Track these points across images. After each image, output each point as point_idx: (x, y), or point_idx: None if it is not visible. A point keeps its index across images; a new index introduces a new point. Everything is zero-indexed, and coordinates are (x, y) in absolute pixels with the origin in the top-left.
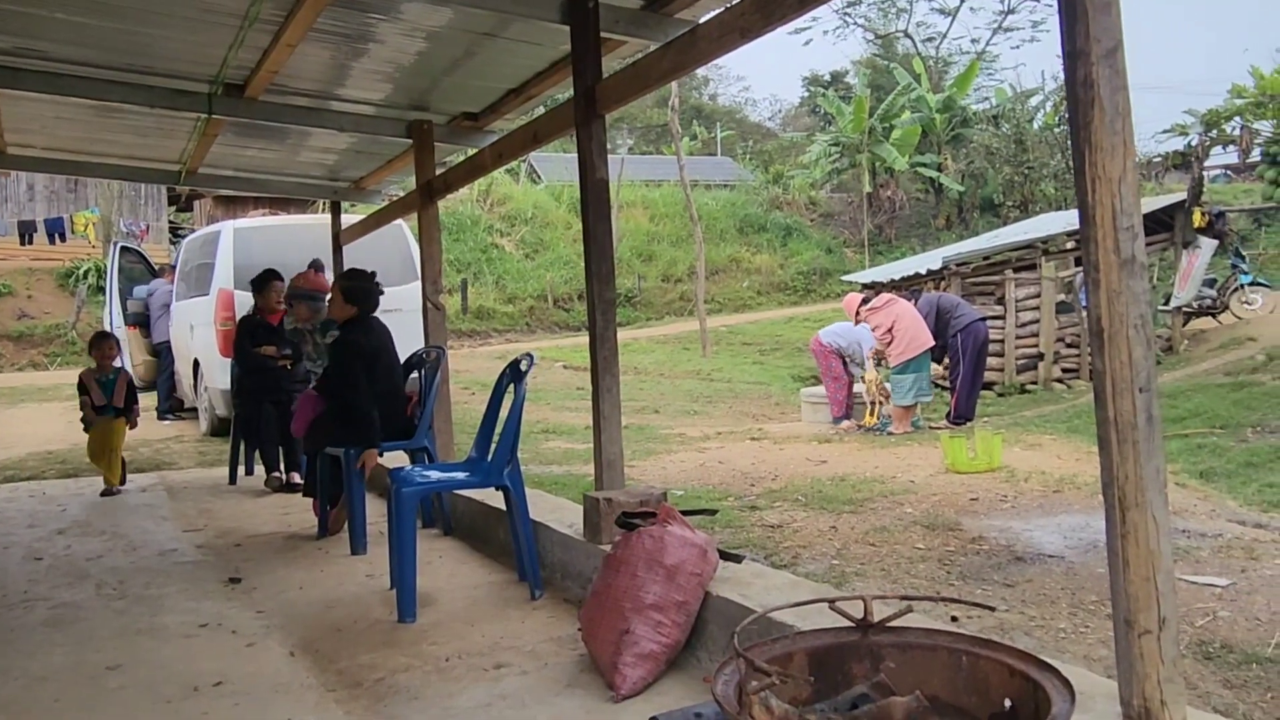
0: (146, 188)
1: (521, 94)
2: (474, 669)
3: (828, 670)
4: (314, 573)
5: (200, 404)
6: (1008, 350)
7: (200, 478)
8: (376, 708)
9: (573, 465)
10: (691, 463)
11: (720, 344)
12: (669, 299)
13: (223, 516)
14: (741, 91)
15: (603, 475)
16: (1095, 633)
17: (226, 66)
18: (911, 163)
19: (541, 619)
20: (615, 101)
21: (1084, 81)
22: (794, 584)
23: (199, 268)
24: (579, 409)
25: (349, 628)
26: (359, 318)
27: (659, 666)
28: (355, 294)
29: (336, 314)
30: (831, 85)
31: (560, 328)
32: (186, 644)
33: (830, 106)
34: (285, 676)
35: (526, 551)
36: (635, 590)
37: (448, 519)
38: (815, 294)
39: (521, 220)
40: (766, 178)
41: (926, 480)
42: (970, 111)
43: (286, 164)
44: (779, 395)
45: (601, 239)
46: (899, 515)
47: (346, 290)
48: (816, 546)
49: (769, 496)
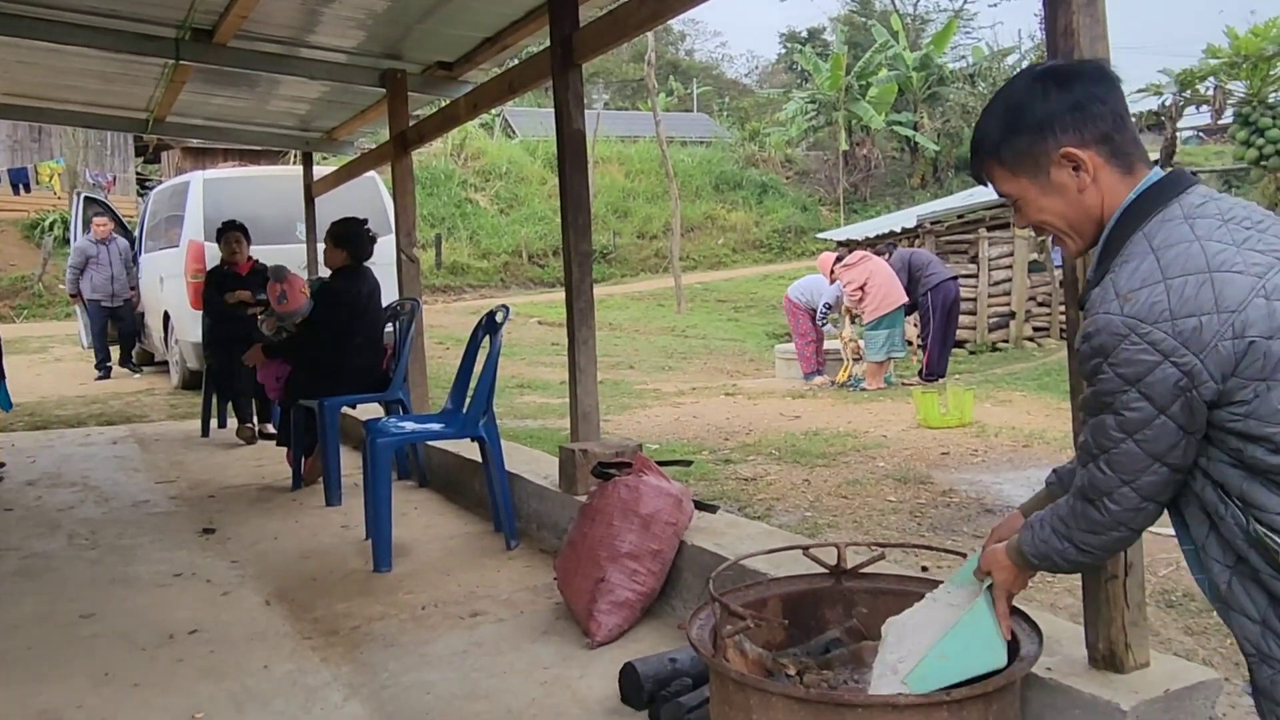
0: (113, 138)
1: (497, 43)
2: (450, 617)
3: (801, 616)
4: (288, 523)
5: (171, 357)
6: (980, 308)
7: (172, 430)
8: (352, 655)
9: (547, 420)
10: (666, 417)
11: (695, 301)
12: (644, 256)
13: (195, 468)
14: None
15: (578, 427)
16: (1062, 581)
17: (194, 11)
18: (888, 121)
19: (517, 569)
20: (593, 50)
21: (1064, 31)
22: (768, 533)
23: (168, 220)
24: (554, 364)
25: (324, 577)
26: (349, 266)
27: (634, 614)
28: (344, 238)
29: (329, 261)
30: (809, 42)
31: (535, 284)
32: (160, 593)
33: (807, 63)
34: (261, 625)
35: (502, 502)
36: (611, 539)
37: (423, 471)
38: (790, 252)
39: (496, 175)
40: (743, 135)
41: (899, 435)
42: (947, 70)
43: (257, 113)
44: (753, 352)
45: (578, 191)
46: (871, 469)
47: (336, 235)
48: (790, 499)
49: (743, 450)
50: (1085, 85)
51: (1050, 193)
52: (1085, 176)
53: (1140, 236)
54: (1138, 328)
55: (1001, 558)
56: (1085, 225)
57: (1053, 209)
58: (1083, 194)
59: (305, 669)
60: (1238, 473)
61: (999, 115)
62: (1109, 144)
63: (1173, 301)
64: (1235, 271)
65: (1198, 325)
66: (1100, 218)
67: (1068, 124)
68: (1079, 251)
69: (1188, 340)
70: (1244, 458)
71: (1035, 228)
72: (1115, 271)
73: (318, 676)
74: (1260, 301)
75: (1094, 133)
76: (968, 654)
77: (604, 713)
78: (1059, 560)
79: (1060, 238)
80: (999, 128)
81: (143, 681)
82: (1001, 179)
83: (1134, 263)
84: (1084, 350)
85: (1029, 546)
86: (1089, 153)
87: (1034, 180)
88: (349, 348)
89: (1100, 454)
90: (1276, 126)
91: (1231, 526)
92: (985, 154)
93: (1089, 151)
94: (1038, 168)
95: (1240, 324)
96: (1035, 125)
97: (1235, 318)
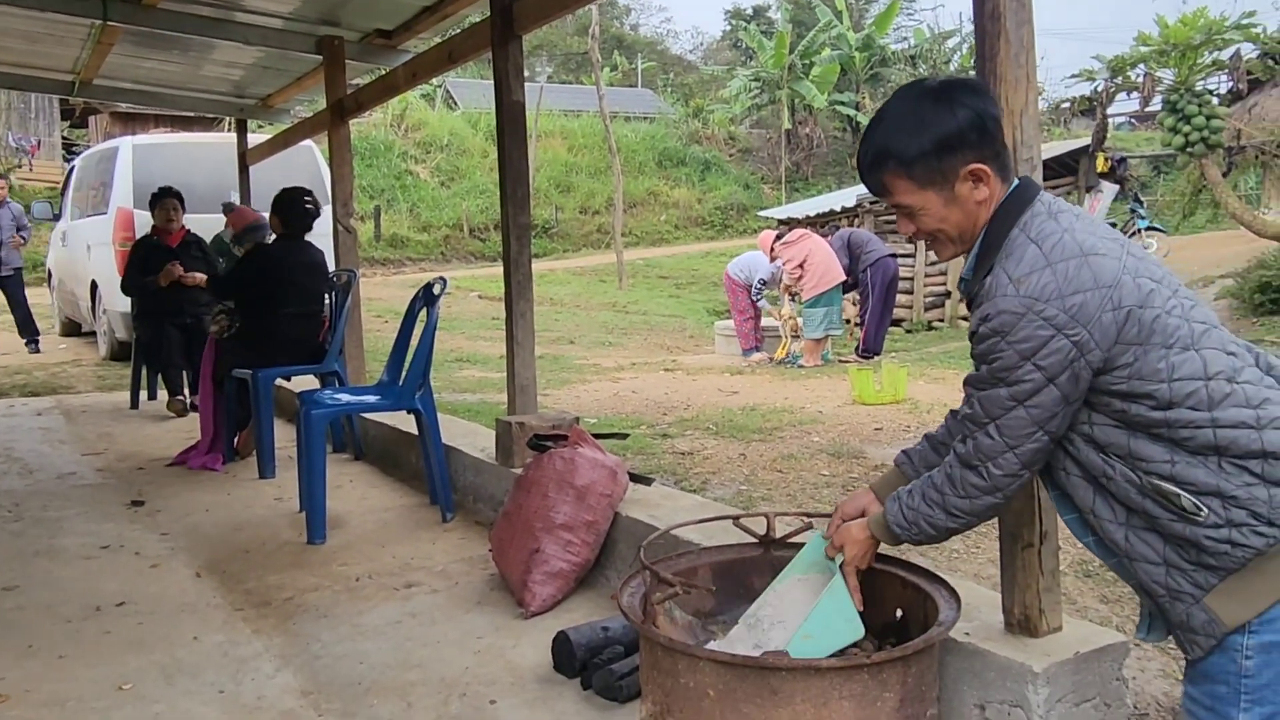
0: (37, 100)
1: (437, 12)
2: (384, 588)
3: (731, 584)
4: (220, 496)
5: (99, 327)
6: (917, 288)
7: (99, 401)
8: (285, 626)
9: (486, 393)
10: (605, 392)
11: (637, 277)
12: (586, 231)
13: (124, 440)
14: (663, 23)
15: (516, 400)
16: (986, 553)
17: None
18: (830, 100)
19: (452, 540)
20: (533, 21)
21: (991, 14)
22: (701, 505)
23: (96, 186)
24: (493, 339)
25: (257, 549)
26: (284, 235)
27: (568, 584)
28: (278, 206)
29: (272, 227)
30: (754, 19)
31: (476, 257)
32: (86, 565)
33: (752, 41)
34: (191, 596)
35: (438, 474)
36: (546, 510)
37: (358, 443)
38: (733, 229)
39: (437, 147)
40: (686, 111)
41: (834, 411)
42: (889, 51)
43: (189, 78)
44: (694, 328)
45: (517, 163)
46: (806, 444)
47: (274, 203)
48: (725, 473)
49: (680, 425)
50: (982, 103)
51: (951, 204)
52: (984, 189)
53: (1018, 232)
54: (1034, 306)
55: (856, 533)
56: (971, 232)
57: (950, 219)
58: (979, 205)
59: (237, 640)
60: (1122, 432)
61: (909, 129)
62: (999, 159)
63: (1060, 282)
64: (1102, 255)
65: (1084, 301)
66: (981, 224)
67: (973, 142)
68: (955, 255)
69: (1076, 315)
70: (1128, 417)
71: (926, 235)
72: (1002, 263)
73: (249, 647)
74: (1127, 279)
75: (990, 149)
76: (829, 631)
77: (536, 681)
78: (926, 527)
79: (944, 243)
80: (912, 145)
81: (68, 654)
82: (906, 192)
83: (1019, 253)
84: (982, 331)
85: (894, 517)
86: (987, 167)
87: (939, 193)
88: (281, 317)
89: (989, 421)
90: (1202, 114)
91: (1122, 485)
92: (893, 168)
93: (987, 166)
94: (945, 182)
95: (1117, 298)
96: (947, 144)
97: (1112, 292)
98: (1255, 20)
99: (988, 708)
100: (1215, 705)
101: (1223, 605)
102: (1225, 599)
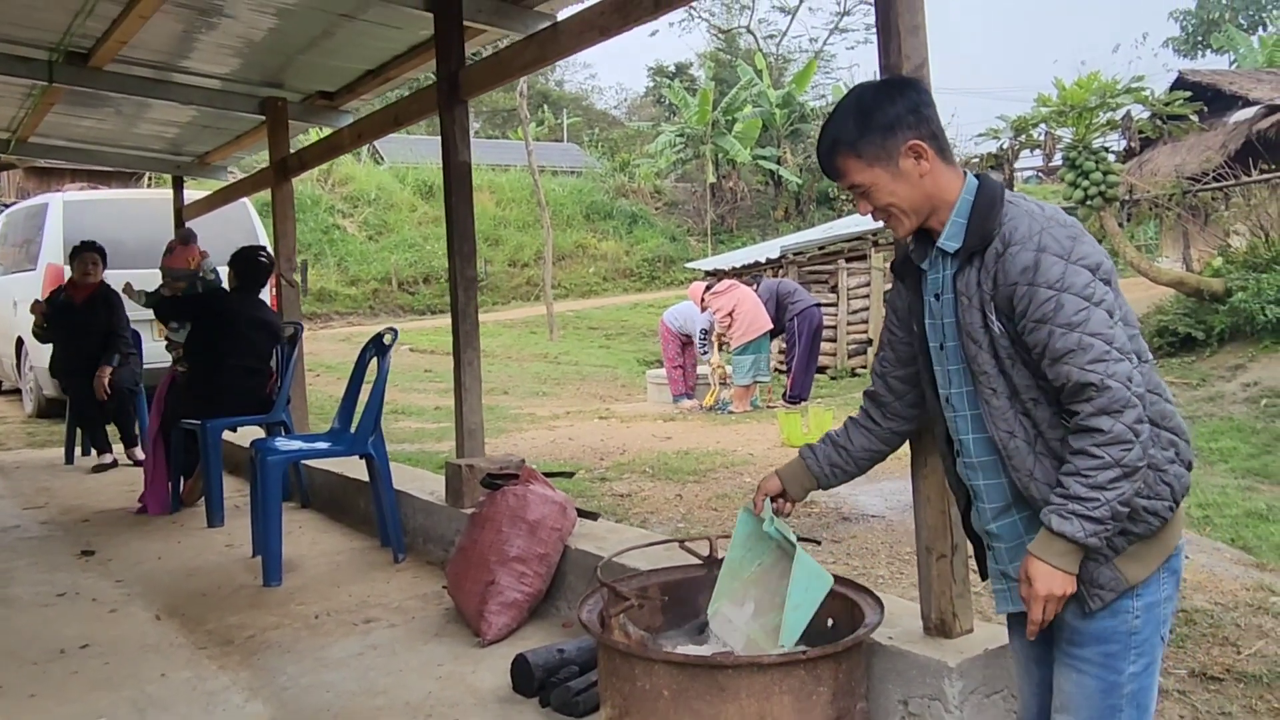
0: None
1: (379, 75)
2: (343, 624)
3: (678, 602)
4: (170, 544)
5: (24, 384)
6: (840, 336)
7: (32, 458)
8: (250, 661)
9: (425, 443)
10: (542, 439)
11: (567, 328)
12: (515, 284)
13: (65, 494)
14: (589, 79)
15: (464, 443)
16: (909, 578)
17: (70, 34)
18: (753, 155)
19: (406, 579)
20: (478, 88)
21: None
22: (645, 536)
23: (22, 242)
24: (427, 390)
25: (213, 592)
26: (236, 288)
27: (522, 614)
28: (234, 261)
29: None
30: (677, 76)
31: (405, 311)
32: (44, 612)
33: (676, 98)
34: (153, 638)
35: (390, 517)
36: (500, 544)
37: (305, 492)
38: (660, 280)
39: (365, 201)
40: (613, 165)
41: (764, 453)
42: (808, 108)
43: (123, 136)
44: (625, 378)
45: (463, 220)
46: (739, 484)
47: (232, 260)
48: (663, 511)
49: (618, 469)
50: (917, 93)
51: (899, 179)
52: (925, 164)
53: (1009, 205)
54: (1073, 227)
55: (1048, 570)
56: (923, 206)
57: (899, 193)
58: (923, 179)
59: (203, 675)
60: None
61: (854, 117)
62: (937, 140)
63: (1074, 229)
64: None
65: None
66: (933, 198)
67: (910, 122)
68: (910, 230)
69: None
70: None
71: (881, 211)
72: (1008, 224)
73: (217, 681)
74: None
75: (927, 130)
76: (809, 592)
77: (497, 701)
78: (1119, 508)
79: (898, 217)
80: (856, 127)
81: (39, 693)
82: (856, 170)
83: (1023, 215)
84: (1044, 262)
85: (1075, 527)
86: (925, 144)
87: (885, 168)
88: (230, 369)
89: (1109, 351)
90: (1099, 170)
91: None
92: (843, 149)
93: (925, 144)
94: (889, 158)
95: None
96: (887, 123)
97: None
98: (1144, 84)
99: (910, 702)
100: (1108, 661)
101: (1128, 566)
102: (1131, 561)
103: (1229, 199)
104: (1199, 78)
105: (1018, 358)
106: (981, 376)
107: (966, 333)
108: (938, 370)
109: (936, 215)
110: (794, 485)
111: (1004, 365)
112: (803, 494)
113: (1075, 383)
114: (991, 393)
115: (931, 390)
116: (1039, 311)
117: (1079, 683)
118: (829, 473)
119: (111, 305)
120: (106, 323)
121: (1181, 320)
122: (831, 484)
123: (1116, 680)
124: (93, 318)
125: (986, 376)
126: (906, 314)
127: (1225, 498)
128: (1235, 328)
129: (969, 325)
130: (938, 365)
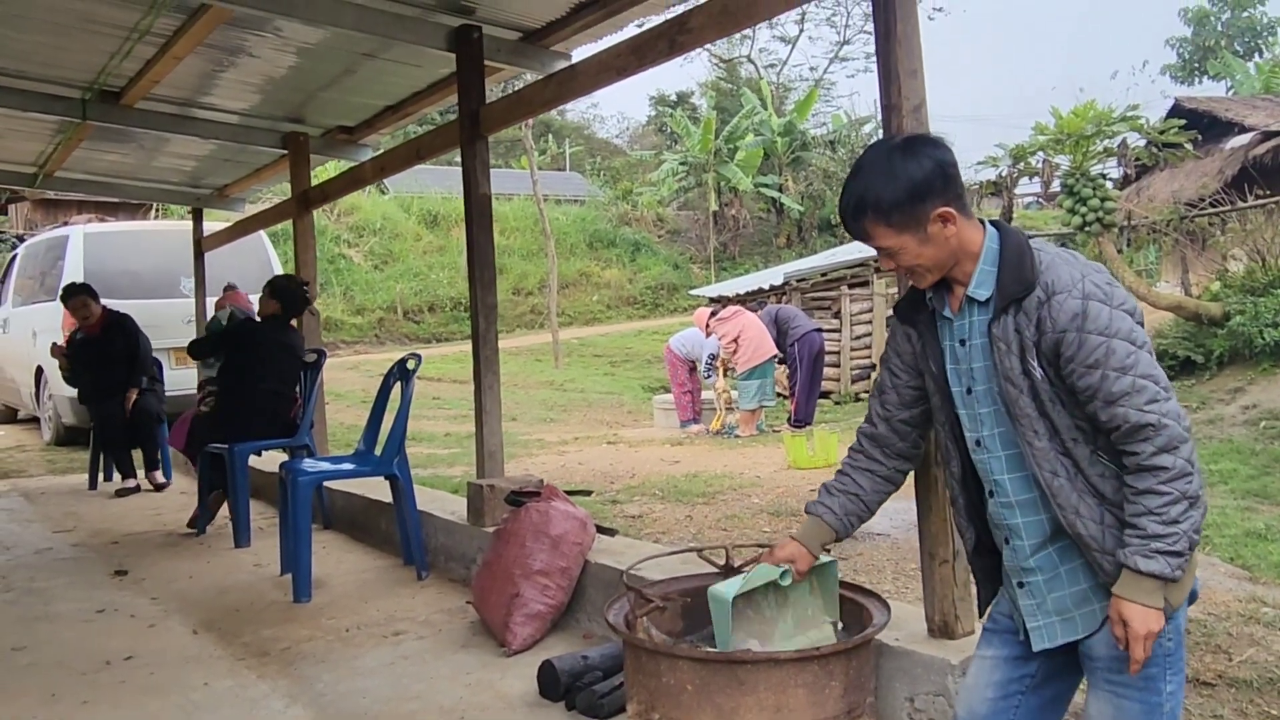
0: None
1: (399, 111)
2: (374, 636)
3: (697, 608)
4: (200, 564)
5: (43, 413)
6: (843, 361)
7: (56, 484)
8: (287, 671)
9: (437, 468)
10: (553, 464)
11: (572, 356)
12: (520, 312)
13: (92, 518)
14: (590, 108)
15: (485, 464)
16: (914, 592)
17: (105, 74)
18: (755, 183)
19: (431, 595)
20: (499, 124)
21: (895, 130)
22: (661, 550)
23: (40, 274)
24: (436, 417)
25: (246, 608)
26: (277, 316)
27: (545, 625)
28: (279, 291)
29: (262, 310)
30: (678, 105)
31: (410, 339)
32: (87, 627)
33: (678, 126)
34: (193, 650)
35: (414, 535)
36: (524, 558)
37: (327, 513)
38: (663, 308)
39: (370, 231)
40: (615, 194)
41: (771, 475)
42: (809, 136)
43: (143, 169)
44: (631, 404)
45: (484, 249)
46: (747, 505)
47: (275, 288)
48: (675, 532)
49: (628, 492)
50: (943, 153)
51: (926, 243)
52: (952, 227)
53: (1041, 253)
54: (1105, 273)
55: (1141, 610)
56: (947, 262)
57: (925, 255)
58: (949, 240)
59: (244, 684)
60: None
61: (882, 182)
62: (961, 199)
63: (1103, 272)
64: None
65: None
66: (957, 254)
67: (939, 189)
68: (932, 283)
69: None
70: None
71: (906, 270)
72: (1048, 273)
73: (258, 689)
74: None
75: (954, 192)
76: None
77: (525, 705)
78: (1193, 537)
79: (922, 275)
80: (888, 196)
81: (91, 700)
82: (885, 236)
83: (1060, 263)
84: (1091, 309)
85: (1161, 564)
86: (953, 209)
87: (915, 235)
88: (259, 392)
89: (1160, 392)
90: (1096, 196)
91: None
92: (873, 216)
93: (953, 208)
94: (919, 225)
95: None
96: (916, 192)
97: None
98: (1139, 112)
99: (916, 699)
100: (1149, 685)
101: (1173, 593)
102: (1174, 588)
103: (1226, 224)
104: (1195, 104)
105: (1058, 400)
106: (1023, 419)
107: (1005, 377)
108: (964, 414)
109: (960, 266)
110: (813, 544)
111: (1045, 408)
112: (820, 551)
113: (1133, 424)
114: (1035, 434)
115: (948, 431)
116: (1091, 357)
117: (1122, 708)
118: (847, 523)
119: (126, 330)
120: (125, 346)
121: (1181, 344)
122: (848, 534)
123: (1158, 701)
124: (110, 345)
125: (1029, 419)
126: (913, 359)
127: (1225, 518)
128: (1234, 351)
129: (1008, 370)
130: (964, 409)
